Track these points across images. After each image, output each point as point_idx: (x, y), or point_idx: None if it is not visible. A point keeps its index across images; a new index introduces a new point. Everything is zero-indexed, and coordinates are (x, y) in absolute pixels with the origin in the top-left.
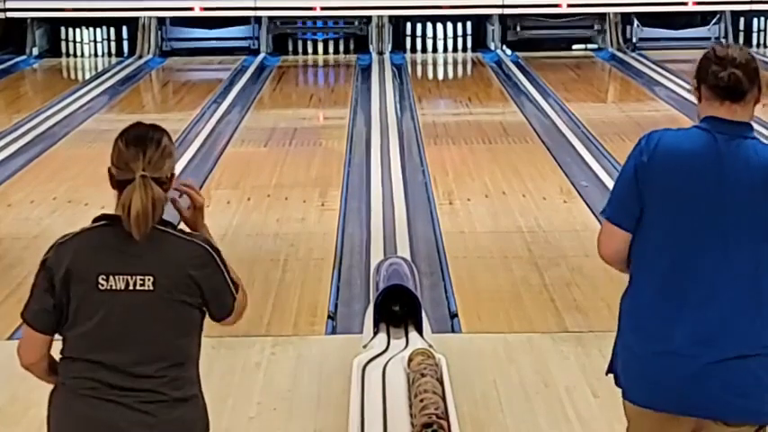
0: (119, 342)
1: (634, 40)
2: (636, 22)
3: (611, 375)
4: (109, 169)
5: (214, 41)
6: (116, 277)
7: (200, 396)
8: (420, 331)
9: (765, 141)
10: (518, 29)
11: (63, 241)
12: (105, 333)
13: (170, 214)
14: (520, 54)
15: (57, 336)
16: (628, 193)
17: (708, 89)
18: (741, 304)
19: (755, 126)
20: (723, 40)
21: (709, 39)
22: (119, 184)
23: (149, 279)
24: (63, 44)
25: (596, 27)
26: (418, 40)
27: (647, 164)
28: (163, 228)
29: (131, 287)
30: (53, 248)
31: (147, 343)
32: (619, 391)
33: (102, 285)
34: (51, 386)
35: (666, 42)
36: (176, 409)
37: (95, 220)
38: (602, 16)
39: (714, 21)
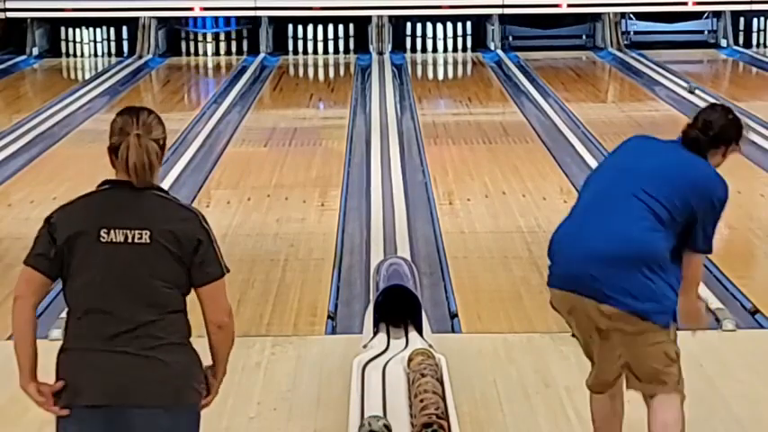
0: (120, 291)
1: (630, 33)
2: (629, 15)
3: None
4: (108, 149)
5: None
6: (116, 231)
7: (192, 346)
8: (420, 331)
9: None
10: (510, 38)
11: (68, 203)
12: (107, 282)
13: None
14: (520, 54)
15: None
16: None
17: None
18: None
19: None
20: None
21: (702, 32)
22: (118, 150)
23: (146, 233)
24: (63, 44)
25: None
26: (418, 40)
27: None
28: (159, 193)
29: (130, 240)
30: (58, 209)
31: (146, 291)
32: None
33: (104, 238)
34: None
35: (661, 36)
36: (176, 353)
37: (99, 186)
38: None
39: (705, 15)
